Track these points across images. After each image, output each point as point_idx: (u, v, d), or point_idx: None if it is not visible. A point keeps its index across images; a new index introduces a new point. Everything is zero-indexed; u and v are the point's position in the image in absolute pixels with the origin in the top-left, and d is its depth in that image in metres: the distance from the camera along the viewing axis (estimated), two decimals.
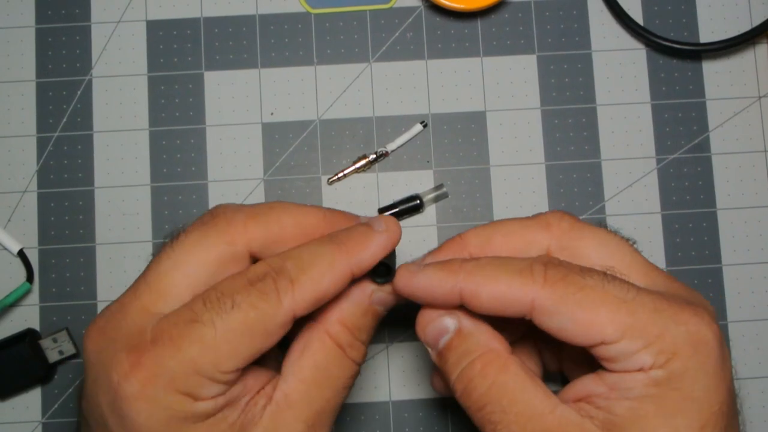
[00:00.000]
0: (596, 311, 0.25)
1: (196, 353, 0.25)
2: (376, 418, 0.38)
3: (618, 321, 0.25)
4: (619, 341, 0.25)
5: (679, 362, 0.25)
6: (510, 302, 0.26)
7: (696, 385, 0.25)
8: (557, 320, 0.26)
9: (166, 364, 0.25)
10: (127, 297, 0.27)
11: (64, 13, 0.41)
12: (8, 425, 0.38)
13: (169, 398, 0.25)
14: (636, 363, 0.25)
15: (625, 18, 0.40)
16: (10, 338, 0.38)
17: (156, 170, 0.40)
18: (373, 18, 0.41)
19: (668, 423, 0.25)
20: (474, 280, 0.27)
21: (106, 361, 0.25)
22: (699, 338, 0.25)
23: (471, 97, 0.41)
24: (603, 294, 0.25)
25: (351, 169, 0.40)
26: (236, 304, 0.25)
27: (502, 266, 0.27)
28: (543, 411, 0.26)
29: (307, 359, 0.27)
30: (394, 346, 0.39)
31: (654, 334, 0.25)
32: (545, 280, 0.26)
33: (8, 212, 0.40)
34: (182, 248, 0.27)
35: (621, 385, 0.25)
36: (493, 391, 0.26)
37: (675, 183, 0.40)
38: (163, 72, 0.41)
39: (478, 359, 0.27)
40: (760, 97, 0.41)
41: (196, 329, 0.25)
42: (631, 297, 0.26)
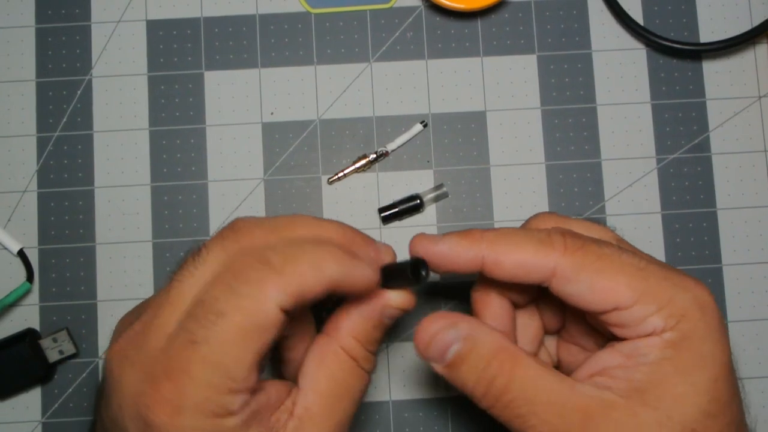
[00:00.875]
0: (614, 278, 0.27)
1: (208, 374, 0.25)
2: (376, 418, 0.38)
3: (633, 287, 0.27)
4: (633, 306, 0.27)
5: (689, 324, 0.26)
6: (532, 269, 0.28)
7: (705, 344, 0.27)
8: (576, 287, 0.27)
9: (186, 393, 0.25)
10: (149, 315, 0.27)
11: (64, 13, 0.41)
12: (8, 425, 0.38)
13: (199, 422, 0.25)
14: (648, 327, 0.27)
15: (625, 18, 0.40)
16: (10, 338, 0.38)
17: (156, 170, 0.40)
18: (373, 18, 0.41)
19: (686, 380, 0.26)
20: (497, 248, 0.28)
21: (129, 390, 0.25)
22: (703, 302, 0.27)
23: (471, 97, 0.41)
24: (619, 262, 0.27)
25: (351, 169, 0.40)
26: (221, 313, 0.25)
27: (523, 235, 0.28)
28: (565, 393, 0.27)
29: (324, 372, 0.28)
30: (394, 346, 0.39)
31: (665, 298, 0.27)
32: (565, 248, 0.27)
33: (8, 212, 0.40)
34: (204, 266, 0.27)
35: (637, 352, 0.27)
36: (515, 386, 0.27)
37: (675, 183, 0.40)
38: (163, 72, 0.41)
39: (493, 360, 0.27)
40: (760, 97, 0.41)
41: (196, 351, 0.25)
42: (644, 265, 0.27)
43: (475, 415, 0.39)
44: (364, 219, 0.40)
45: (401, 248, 0.39)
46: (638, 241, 0.39)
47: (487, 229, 0.29)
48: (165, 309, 0.26)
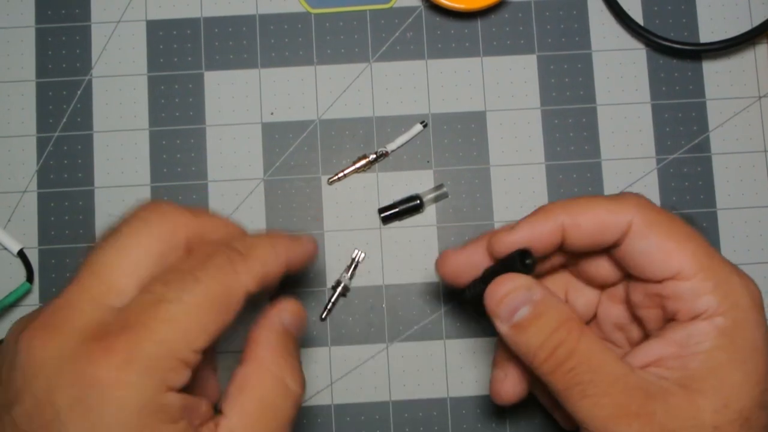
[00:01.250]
0: (682, 243, 0.27)
1: (169, 333, 0.24)
2: (376, 418, 0.38)
3: (698, 257, 0.27)
4: (692, 278, 0.27)
5: (741, 312, 0.27)
6: (608, 226, 0.28)
7: (757, 334, 0.27)
8: (648, 244, 0.28)
9: (141, 347, 0.24)
10: (73, 291, 0.25)
11: (64, 13, 0.41)
12: None
13: (145, 383, 0.24)
14: (701, 305, 0.27)
15: (625, 18, 0.40)
16: None
17: (156, 170, 0.40)
18: (373, 18, 0.41)
19: (740, 368, 0.26)
20: (573, 211, 0.29)
21: (67, 355, 0.24)
22: (756, 295, 0.28)
23: (471, 97, 0.41)
24: (690, 231, 0.28)
25: (351, 169, 0.40)
26: (198, 279, 0.25)
27: (596, 197, 0.29)
28: (625, 372, 0.27)
29: (248, 394, 0.27)
30: (394, 346, 0.39)
31: (723, 279, 0.27)
32: (639, 204, 0.28)
33: (8, 212, 0.40)
34: (126, 237, 0.26)
35: (691, 340, 0.27)
36: (579, 355, 0.27)
37: (675, 183, 0.40)
38: (163, 72, 0.41)
39: (562, 327, 0.28)
40: (760, 97, 0.41)
41: (164, 309, 0.24)
42: (708, 243, 0.28)
43: (475, 415, 0.39)
44: (364, 219, 0.40)
45: (401, 249, 0.39)
46: None
47: None
48: (90, 281, 0.26)
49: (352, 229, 0.40)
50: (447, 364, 0.39)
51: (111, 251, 0.26)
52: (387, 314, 0.39)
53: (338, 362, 0.39)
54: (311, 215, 0.40)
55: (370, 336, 0.39)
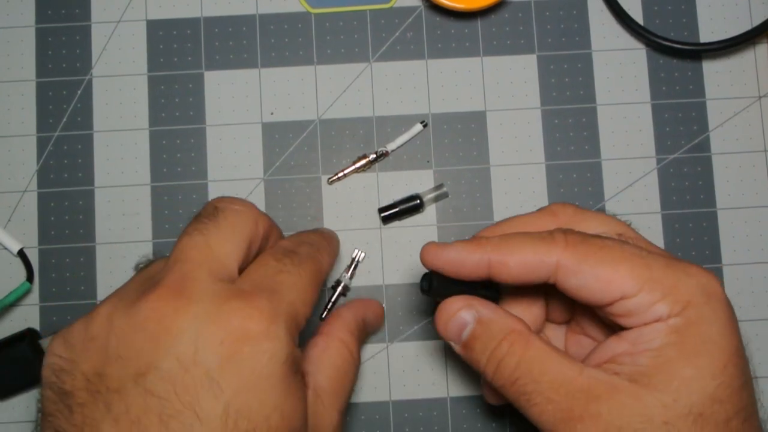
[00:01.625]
0: (616, 267, 0.28)
1: (294, 297, 0.27)
2: (376, 418, 0.38)
3: (637, 274, 0.27)
4: (638, 294, 0.27)
5: (694, 310, 0.27)
6: (536, 266, 0.29)
7: (712, 329, 0.27)
8: (581, 278, 0.28)
9: (280, 306, 0.26)
10: (186, 266, 0.26)
11: (64, 13, 0.41)
12: (8, 425, 0.38)
13: (288, 337, 0.26)
14: (654, 314, 0.27)
15: (625, 18, 0.40)
16: (10, 338, 0.38)
17: (156, 170, 0.40)
18: (373, 18, 0.41)
19: (692, 363, 0.26)
20: (501, 250, 0.29)
21: (208, 318, 0.25)
22: (710, 289, 0.27)
23: (471, 97, 0.41)
24: (621, 251, 0.28)
25: (351, 169, 0.40)
26: (302, 257, 0.29)
27: (525, 236, 0.30)
28: (572, 375, 0.28)
29: (327, 360, 0.31)
30: (394, 346, 0.39)
31: (669, 285, 0.27)
32: (567, 243, 0.28)
33: (8, 212, 0.40)
34: (226, 222, 0.28)
35: (642, 338, 0.27)
36: (523, 366, 0.28)
37: (675, 183, 0.40)
38: (163, 72, 0.41)
39: (504, 340, 0.29)
40: (760, 97, 0.41)
41: (285, 278, 0.28)
42: (646, 255, 0.28)
43: (475, 415, 0.39)
44: (364, 219, 0.40)
45: (401, 249, 0.40)
46: None
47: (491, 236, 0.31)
48: (205, 258, 0.27)
49: (352, 229, 0.40)
50: (447, 364, 0.39)
51: (218, 233, 0.28)
52: (387, 314, 0.39)
53: None
54: (311, 215, 0.40)
55: (370, 336, 0.39)
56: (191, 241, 0.27)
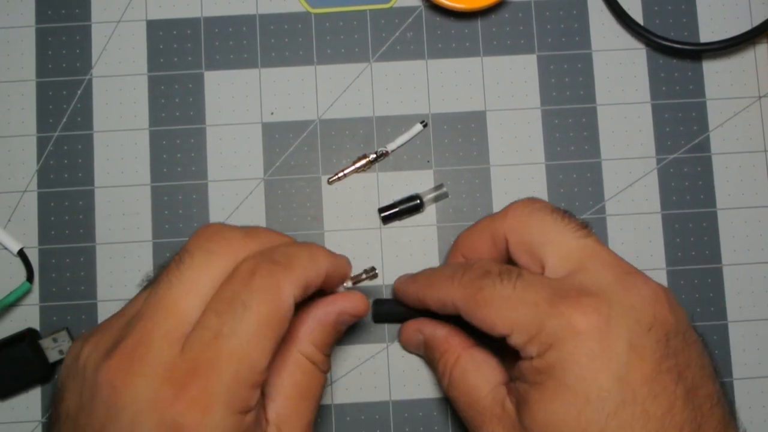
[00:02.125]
0: (488, 309, 0.29)
1: (235, 367, 0.25)
2: (376, 418, 0.38)
3: (504, 318, 0.29)
4: (511, 335, 0.29)
5: (553, 353, 0.27)
6: (443, 304, 0.31)
7: (567, 374, 0.27)
8: (470, 318, 0.30)
9: (214, 388, 0.25)
10: (144, 327, 0.26)
11: (64, 13, 0.41)
12: (8, 425, 0.38)
13: (227, 420, 0.25)
14: (527, 353, 0.28)
15: (625, 18, 0.40)
16: (10, 338, 0.38)
17: (156, 170, 0.40)
18: (373, 18, 0.41)
19: (546, 408, 0.27)
20: (421, 288, 0.33)
21: (147, 399, 0.25)
22: (571, 329, 0.27)
23: (471, 97, 0.41)
24: (493, 293, 0.29)
25: (351, 169, 0.40)
26: (246, 306, 0.26)
27: (439, 275, 0.32)
28: (481, 395, 0.31)
29: (288, 379, 0.30)
30: (394, 346, 0.39)
31: (534, 328, 0.28)
32: (459, 284, 0.30)
33: (8, 212, 0.40)
34: (192, 271, 0.27)
35: (521, 371, 0.29)
36: (452, 382, 0.32)
37: (675, 183, 0.40)
38: (163, 72, 0.41)
39: (440, 359, 0.33)
40: (760, 97, 0.41)
41: (223, 344, 0.25)
42: (516, 294, 0.29)
43: None
44: (364, 219, 0.40)
45: (401, 249, 0.40)
46: (638, 241, 0.39)
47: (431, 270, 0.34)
48: (163, 317, 0.26)
49: (352, 229, 0.40)
50: None
51: (179, 286, 0.27)
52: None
53: (338, 362, 0.39)
54: (311, 215, 0.40)
55: (370, 336, 0.39)
56: (155, 294, 0.27)
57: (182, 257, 0.28)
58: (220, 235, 0.28)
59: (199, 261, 0.27)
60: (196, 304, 0.27)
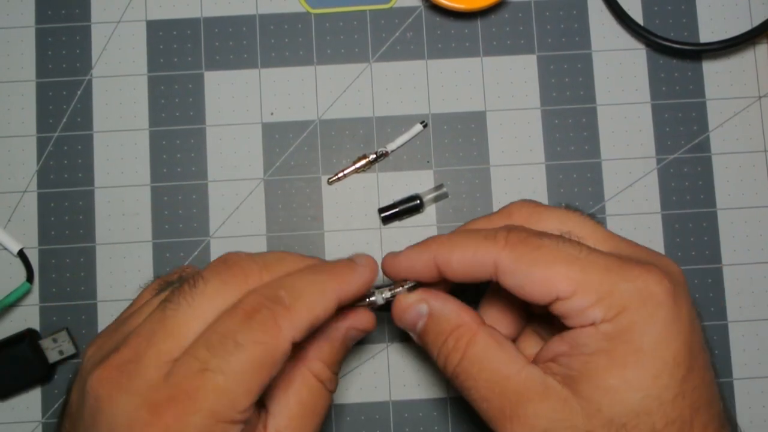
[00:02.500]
0: (550, 268, 0.27)
1: (213, 402, 0.25)
2: (376, 418, 0.38)
3: (570, 277, 0.27)
4: (572, 297, 0.27)
5: (627, 316, 0.26)
6: (477, 265, 0.29)
7: (644, 338, 0.26)
8: (517, 278, 0.28)
9: (189, 420, 0.25)
10: (140, 343, 0.26)
11: (64, 13, 0.41)
12: (8, 425, 0.38)
13: None
14: (588, 318, 0.27)
15: (625, 18, 0.40)
16: (10, 338, 0.38)
17: (156, 170, 0.40)
18: (373, 18, 0.41)
19: (618, 374, 0.26)
20: (445, 249, 0.30)
21: (124, 417, 0.25)
22: (647, 294, 0.27)
23: (471, 97, 0.41)
24: (556, 252, 0.27)
25: (351, 169, 0.40)
26: (239, 344, 0.25)
27: (469, 234, 0.30)
28: (509, 373, 0.28)
29: (293, 396, 0.29)
30: (394, 346, 0.39)
31: (604, 290, 0.27)
32: (506, 242, 0.28)
33: (8, 212, 0.40)
34: (203, 297, 0.27)
35: (578, 341, 0.27)
36: (465, 363, 0.29)
37: (675, 183, 0.40)
38: (163, 72, 0.41)
39: (450, 336, 0.29)
40: (760, 97, 0.41)
41: (207, 379, 0.25)
42: (584, 256, 0.27)
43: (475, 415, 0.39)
44: (364, 219, 0.40)
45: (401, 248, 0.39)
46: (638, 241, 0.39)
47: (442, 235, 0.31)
48: (161, 338, 0.26)
49: (352, 229, 0.40)
50: None
51: (187, 310, 0.27)
52: (387, 314, 0.39)
53: None
54: (311, 215, 0.40)
55: (370, 336, 0.39)
56: (161, 313, 0.27)
57: (196, 282, 0.27)
58: (238, 266, 0.28)
59: (212, 289, 0.27)
60: (197, 330, 0.26)
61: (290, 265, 0.29)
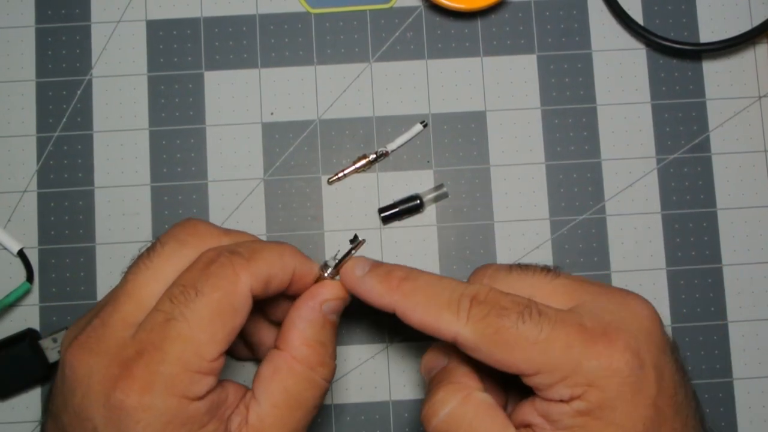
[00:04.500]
0: (510, 352, 0.27)
1: (180, 350, 0.26)
2: (376, 418, 0.38)
3: (531, 360, 0.27)
4: (535, 375, 0.27)
5: (596, 393, 0.26)
6: (436, 331, 0.28)
7: (615, 413, 0.26)
8: (479, 354, 0.28)
9: (157, 370, 0.26)
10: (107, 310, 0.28)
11: (64, 13, 0.41)
12: (8, 425, 0.38)
13: (168, 402, 0.26)
14: (556, 394, 0.27)
15: (625, 18, 0.40)
16: (10, 338, 0.38)
17: (156, 170, 0.40)
18: (373, 18, 0.41)
19: None
20: (406, 304, 0.29)
21: (97, 377, 0.26)
22: (612, 370, 0.26)
23: (471, 97, 0.41)
24: (516, 335, 0.27)
25: (351, 169, 0.40)
26: (199, 291, 0.26)
27: (433, 296, 0.28)
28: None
29: (278, 384, 0.29)
30: (394, 346, 0.39)
31: (569, 369, 0.26)
32: (468, 318, 0.27)
33: (8, 212, 0.40)
34: (160, 258, 0.28)
35: (551, 416, 0.27)
36: (450, 419, 0.28)
37: (675, 183, 0.40)
38: (163, 72, 0.41)
39: (442, 388, 0.29)
40: (760, 97, 0.41)
41: (172, 327, 0.26)
42: (544, 336, 0.27)
43: None
44: (364, 219, 0.40)
45: (401, 249, 0.40)
46: (638, 241, 0.39)
47: (406, 276, 0.29)
48: (123, 301, 0.27)
49: (352, 229, 0.40)
50: None
51: (146, 272, 0.28)
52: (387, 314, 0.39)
53: (338, 362, 0.39)
54: (311, 215, 0.40)
55: (371, 336, 0.39)
56: (123, 280, 0.28)
57: (154, 246, 0.29)
58: (195, 227, 0.29)
59: (169, 250, 0.28)
60: (158, 291, 0.27)
61: (248, 236, 0.30)
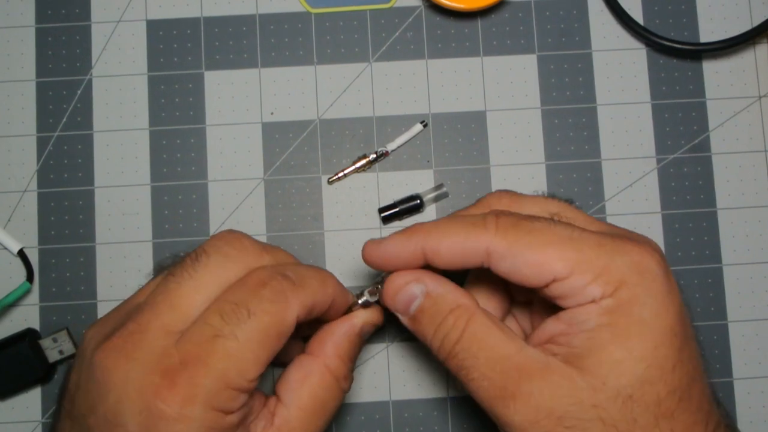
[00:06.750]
0: (545, 251, 0.27)
1: (225, 367, 0.26)
2: (376, 418, 0.38)
3: (566, 257, 0.27)
4: (569, 277, 0.27)
5: (627, 290, 0.27)
6: (467, 252, 0.28)
7: (645, 309, 0.26)
8: (511, 263, 0.28)
9: (201, 383, 0.26)
10: (145, 316, 0.27)
11: (64, 12, 0.41)
12: (8, 425, 0.38)
13: (206, 415, 0.26)
14: (587, 296, 0.27)
15: (625, 18, 0.40)
16: (10, 338, 0.38)
17: (156, 170, 0.40)
18: (373, 18, 0.41)
19: (623, 346, 0.26)
20: (433, 236, 0.29)
21: (134, 383, 0.26)
22: (643, 267, 0.27)
23: (471, 96, 0.41)
24: (550, 234, 0.27)
25: (351, 168, 0.40)
26: (252, 313, 0.27)
27: (457, 221, 0.29)
28: (510, 352, 0.28)
29: (307, 390, 0.30)
30: (394, 346, 0.39)
31: (600, 266, 0.27)
32: (497, 227, 0.28)
33: (8, 212, 0.40)
34: (205, 270, 0.28)
35: (577, 319, 0.27)
36: (464, 340, 0.28)
37: (675, 183, 0.40)
38: (163, 72, 0.41)
39: (449, 315, 0.29)
40: (760, 97, 0.41)
41: (220, 344, 0.26)
42: (577, 235, 0.27)
43: (475, 415, 0.39)
44: (364, 219, 0.40)
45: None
46: None
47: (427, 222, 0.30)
48: (164, 309, 0.27)
49: (352, 229, 0.40)
50: None
51: (189, 283, 0.28)
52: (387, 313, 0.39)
53: None
54: (311, 215, 0.40)
55: (370, 336, 0.39)
56: (163, 287, 0.28)
57: (198, 256, 0.28)
58: (239, 242, 0.29)
59: (215, 263, 0.28)
60: (200, 303, 0.27)
61: (284, 253, 0.31)
